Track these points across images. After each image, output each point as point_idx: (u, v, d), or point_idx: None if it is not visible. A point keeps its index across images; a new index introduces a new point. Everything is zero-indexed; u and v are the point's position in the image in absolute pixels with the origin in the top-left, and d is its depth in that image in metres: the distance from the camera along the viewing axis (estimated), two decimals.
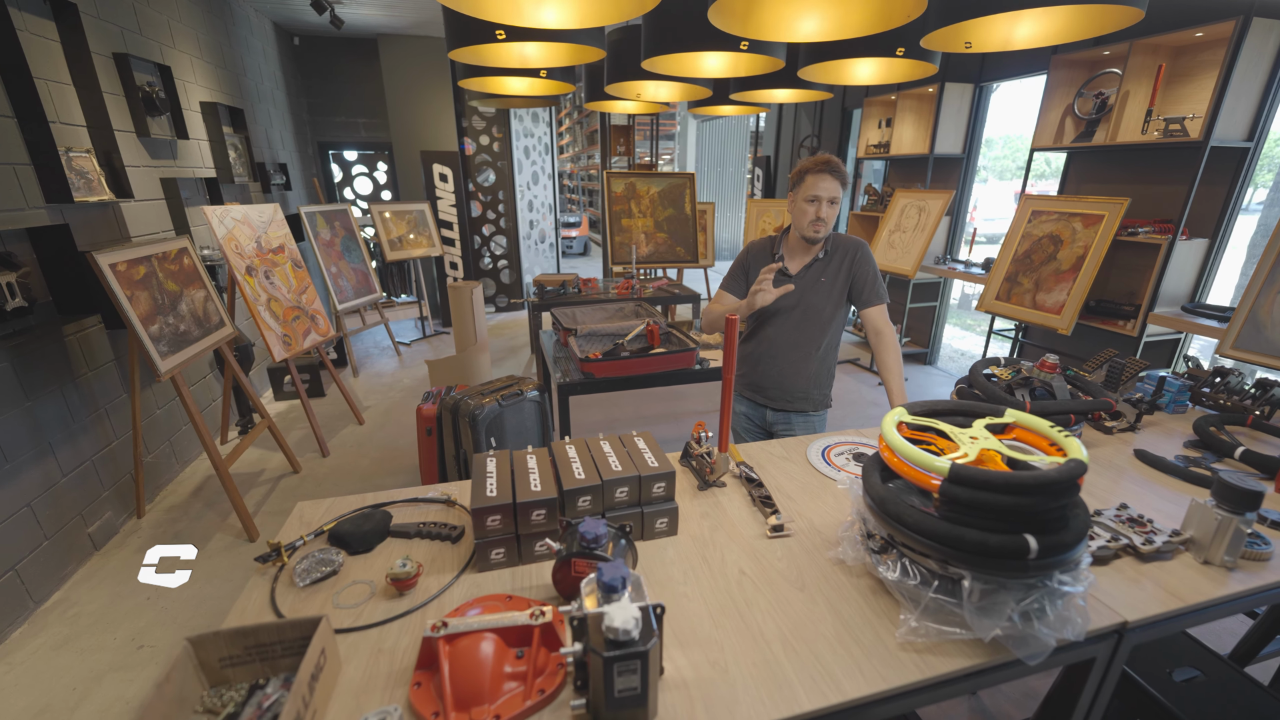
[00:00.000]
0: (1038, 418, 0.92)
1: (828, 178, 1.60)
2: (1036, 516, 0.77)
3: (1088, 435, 1.48)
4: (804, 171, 1.63)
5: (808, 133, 5.69)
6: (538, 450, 1.11)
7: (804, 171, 1.63)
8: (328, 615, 0.76)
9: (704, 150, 9.31)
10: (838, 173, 1.61)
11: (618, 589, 0.73)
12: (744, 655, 0.81)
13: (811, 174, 1.61)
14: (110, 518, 2.46)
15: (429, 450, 2.55)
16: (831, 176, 1.60)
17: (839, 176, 1.61)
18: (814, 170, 1.61)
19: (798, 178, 1.65)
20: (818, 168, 1.60)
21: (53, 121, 2.30)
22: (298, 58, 5.40)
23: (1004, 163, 10.42)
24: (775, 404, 1.84)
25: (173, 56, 3.24)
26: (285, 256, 3.21)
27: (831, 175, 1.60)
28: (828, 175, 1.60)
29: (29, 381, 2.10)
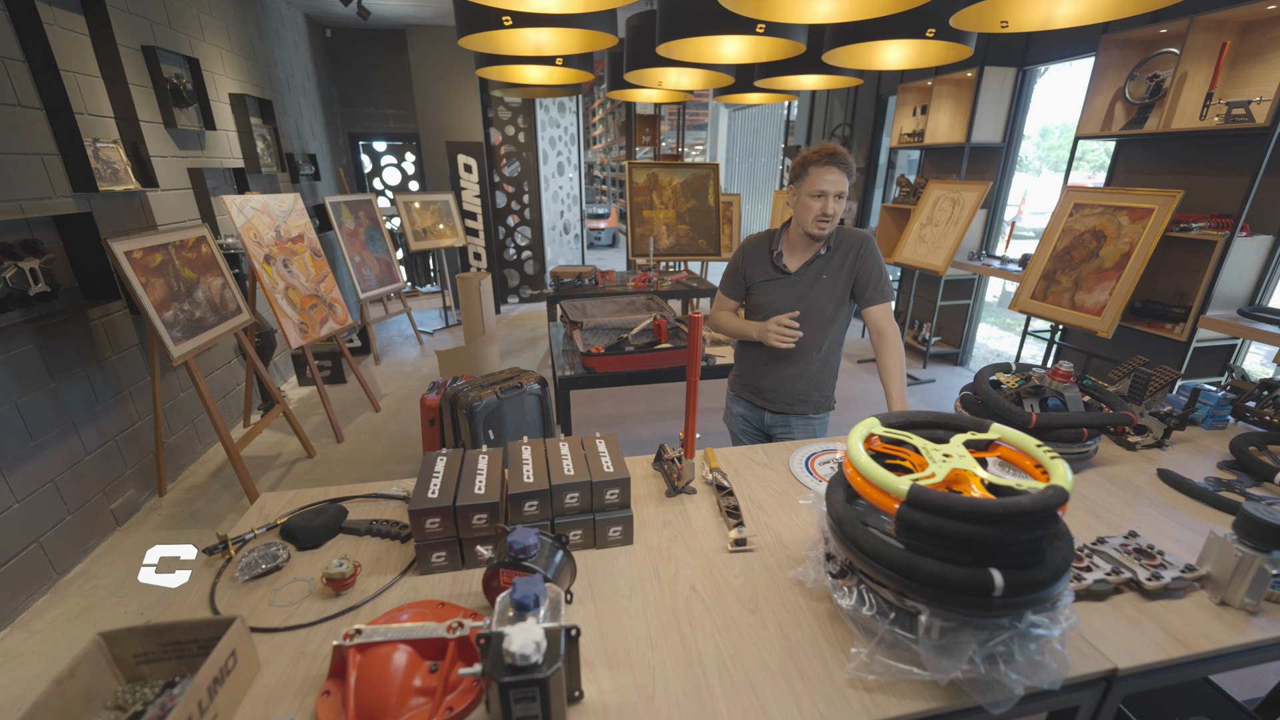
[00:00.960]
0: (1025, 435, 0.83)
1: (834, 170, 1.49)
2: (1005, 549, 0.69)
3: (1108, 452, 1.35)
4: (807, 163, 1.52)
5: (840, 121, 5.47)
6: (493, 450, 1.07)
7: (807, 163, 1.52)
8: (242, 616, 0.74)
9: (735, 140, 9.10)
10: (844, 164, 1.49)
11: (529, 607, 0.68)
12: (675, 682, 0.75)
13: (816, 166, 1.50)
14: (132, 495, 2.57)
15: (432, 441, 2.56)
16: (838, 168, 1.49)
17: (845, 168, 1.50)
18: (818, 162, 1.50)
19: (800, 170, 1.54)
20: (822, 159, 1.49)
21: (80, 113, 2.39)
22: (330, 50, 5.51)
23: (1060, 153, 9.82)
24: (773, 406, 1.75)
25: (202, 49, 3.33)
26: (304, 245, 3.28)
27: (838, 167, 1.49)
28: (834, 167, 1.49)
29: (54, 363, 2.20)
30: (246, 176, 3.67)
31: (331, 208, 4.21)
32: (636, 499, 1.17)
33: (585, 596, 0.90)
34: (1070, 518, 1.09)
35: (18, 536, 2.01)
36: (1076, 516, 1.10)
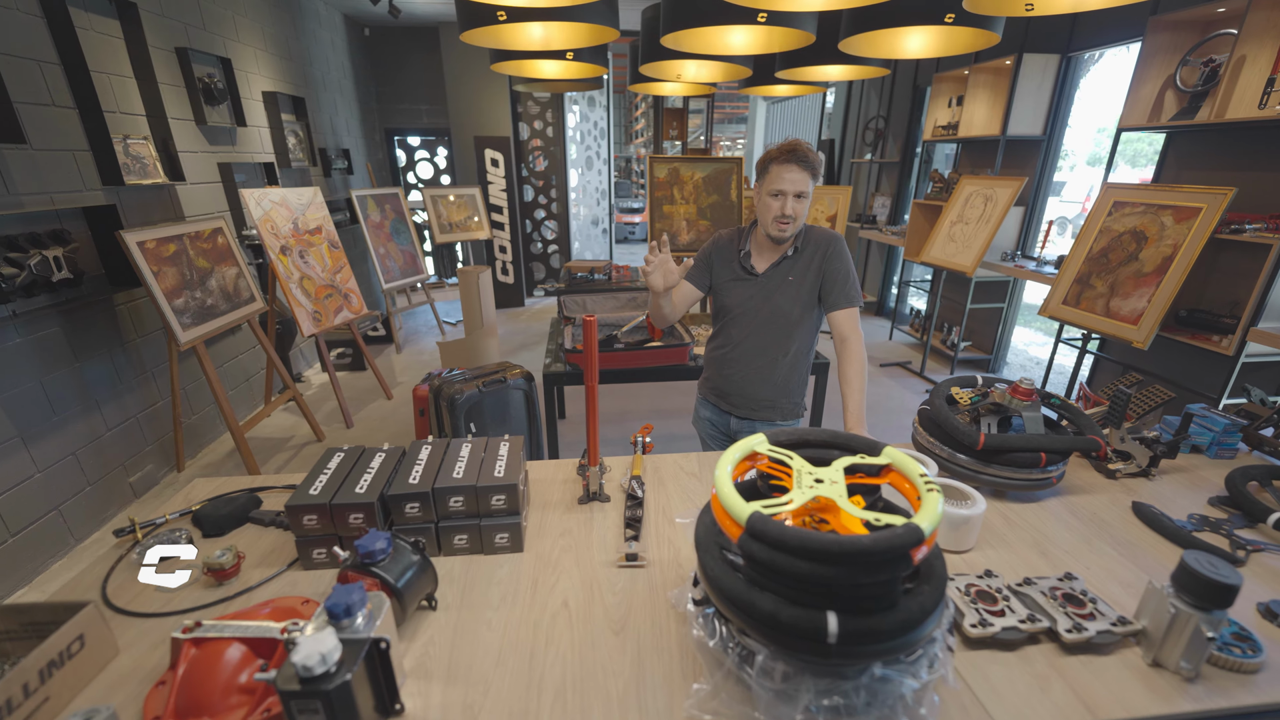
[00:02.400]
0: (913, 462, 0.75)
1: (794, 168, 1.41)
2: (846, 591, 0.62)
3: (1082, 479, 1.22)
4: (768, 161, 1.45)
5: (874, 113, 5.22)
6: (392, 450, 1.06)
7: (768, 161, 1.45)
8: (95, 602, 0.76)
9: (774, 133, 8.85)
10: (805, 162, 1.41)
11: (339, 615, 0.67)
12: (506, 703, 0.72)
13: (776, 164, 1.42)
14: (151, 470, 2.75)
15: (423, 431, 2.60)
16: (799, 166, 1.41)
17: (807, 166, 1.41)
18: (779, 159, 1.42)
19: (762, 168, 1.47)
20: (782, 156, 1.41)
21: (111, 111, 2.55)
22: (367, 47, 5.70)
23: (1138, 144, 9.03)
24: (739, 411, 1.68)
25: (235, 49, 3.50)
26: (322, 237, 3.40)
27: (799, 165, 1.41)
28: (794, 165, 1.40)
29: (78, 344, 2.37)
30: (277, 171, 3.84)
31: (358, 201, 4.36)
32: (547, 504, 1.14)
33: (454, 604, 0.88)
34: (1011, 552, 0.99)
35: (39, 504, 2.18)
36: (1017, 551, 0.99)
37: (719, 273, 1.63)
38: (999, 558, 0.98)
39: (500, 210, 5.75)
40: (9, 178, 2.09)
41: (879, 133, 5.18)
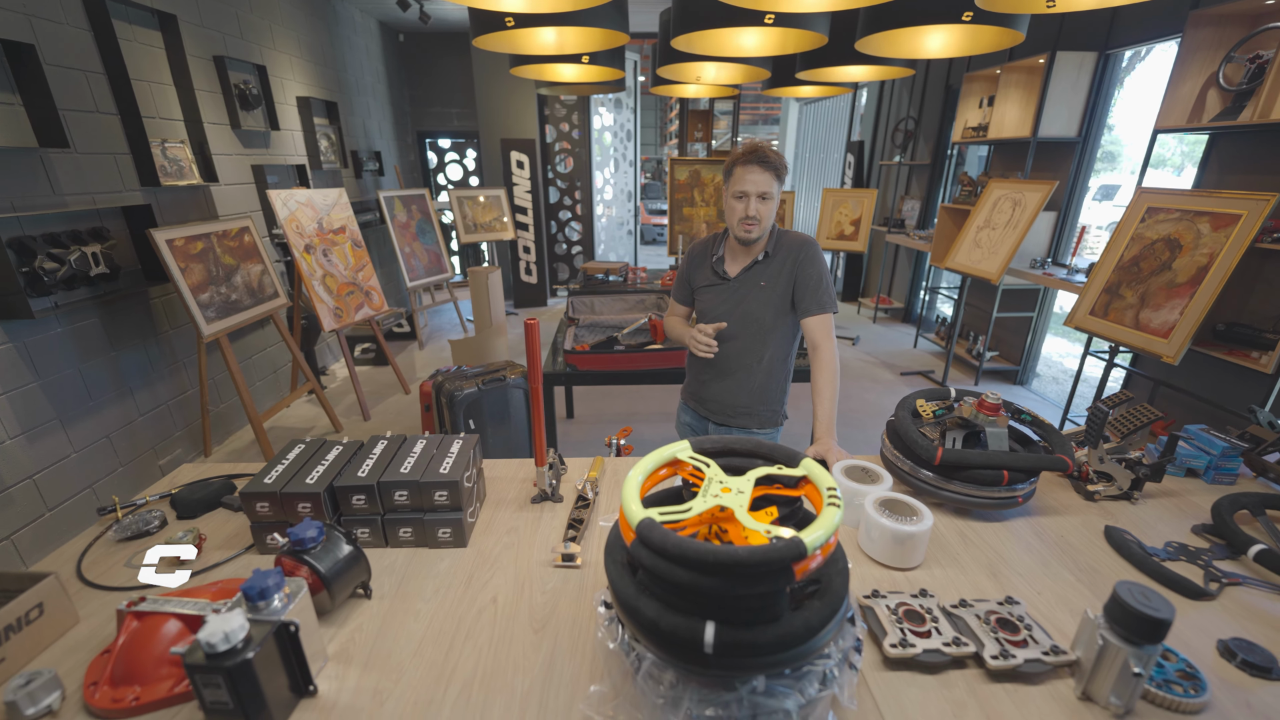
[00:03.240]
0: (826, 475, 0.73)
1: (756, 169, 1.40)
2: (727, 602, 0.61)
3: (1057, 500, 1.16)
4: (731, 163, 1.44)
5: (903, 114, 5.07)
6: (350, 444, 1.11)
7: (731, 163, 1.44)
8: (57, 573, 0.83)
9: (805, 135, 8.70)
10: (767, 162, 1.39)
11: (253, 598, 0.70)
12: (415, 692, 0.74)
13: (739, 165, 1.42)
14: (180, 454, 2.93)
15: (428, 425, 2.69)
16: (760, 168, 1.40)
17: (770, 167, 1.40)
18: (741, 161, 1.41)
19: (726, 171, 1.47)
20: (744, 158, 1.41)
21: (151, 117, 2.73)
22: (402, 53, 5.90)
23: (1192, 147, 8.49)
24: (717, 418, 1.68)
25: (271, 56, 3.68)
26: (345, 237, 3.55)
27: (761, 166, 1.40)
28: (755, 166, 1.40)
29: (115, 334, 2.54)
30: (308, 172, 4.02)
31: (385, 201, 4.52)
32: (502, 501, 1.17)
33: (389, 594, 0.91)
34: (959, 571, 0.96)
35: (74, 481, 2.35)
36: (967, 572, 0.96)
37: (695, 277, 1.63)
38: (945, 577, 0.95)
39: (525, 211, 5.85)
40: (54, 179, 2.26)
41: (909, 134, 5.03)
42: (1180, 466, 1.25)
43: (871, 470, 1.12)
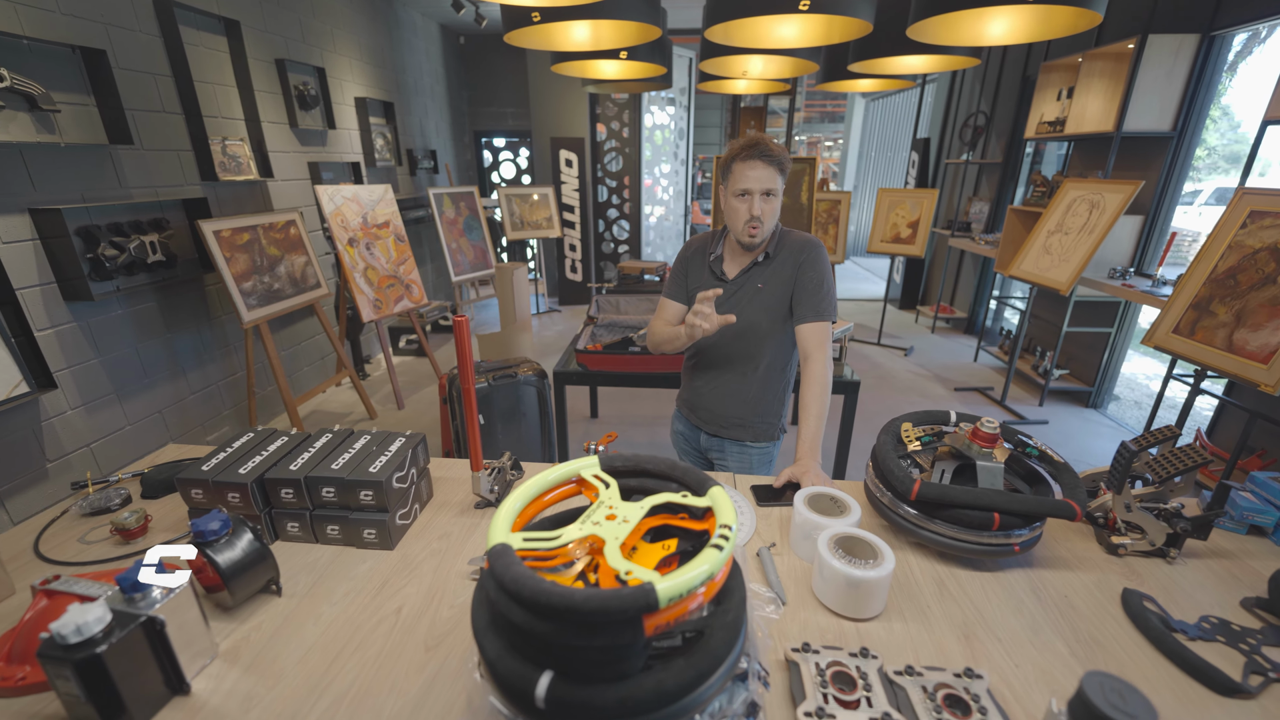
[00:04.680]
0: (729, 510, 0.63)
1: (758, 164, 1.28)
2: (570, 653, 0.53)
3: (1078, 550, 0.99)
4: (730, 159, 1.33)
5: (973, 108, 4.68)
6: (296, 435, 1.10)
7: (730, 159, 1.33)
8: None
9: (871, 132, 8.25)
10: (769, 156, 1.28)
11: (127, 590, 0.69)
12: (283, 702, 0.71)
13: (739, 161, 1.30)
14: (226, 432, 3.13)
15: (444, 417, 2.73)
16: (764, 162, 1.28)
17: (774, 161, 1.28)
18: (741, 156, 1.29)
19: (724, 168, 1.35)
20: (745, 152, 1.29)
21: (213, 116, 2.93)
22: (462, 55, 6.09)
23: None
24: (708, 428, 1.57)
25: (330, 59, 3.88)
26: (389, 231, 3.68)
27: (764, 160, 1.28)
28: (758, 161, 1.28)
29: (171, 318, 2.75)
30: (362, 169, 4.22)
31: (434, 199, 4.67)
32: (447, 504, 1.13)
33: (300, 593, 0.89)
34: (925, 629, 0.82)
35: (127, 453, 2.55)
36: (934, 630, 0.82)
37: (692, 279, 1.53)
38: (904, 634, 0.81)
39: (572, 209, 5.89)
40: (121, 173, 2.46)
41: (978, 130, 4.63)
42: (1242, 521, 1.04)
43: (841, 500, 0.99)
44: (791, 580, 0.92)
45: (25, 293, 2.11)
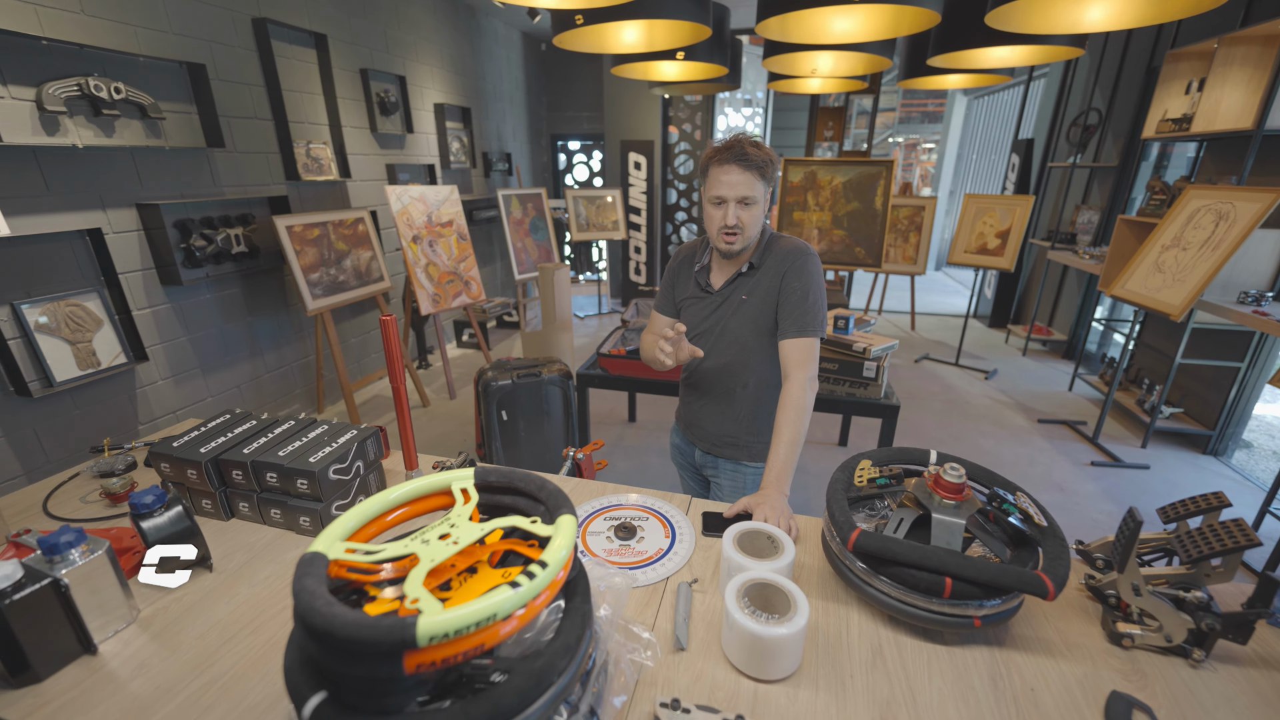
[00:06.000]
0: (561, 548, 0.57)
1: (733, 169, 1.17)
2: (340, 678, 0.50)
3: (1072, 633, 0.82)
4: (706, 162, 1.23)
5: (1083, 105, 4.13)
6: (265, 420, 1.16)
7: (706, 162, 1.23)
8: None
9: (972, 133, 7.54)
10: (746, 160, 1.17)
11: (45, 551, 0.75)
12: (166, 675, 0.74)
13: (714, 165, 1.21)
14: (296, 409, 3.44)
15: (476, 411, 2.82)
16: (739, 166, 1.17)
17: (751, 166, 1.17)
18: (717, 159, 1.20)
19: (702, 170, 1.26)
20: (720, 155, 1.19)
21: (299, 121, 3.23)
22: (543, 61, 6.29)
23: None
24: (703, 445, 1.49)
25: (412, 67, 4.15)
26: (452, 230, 3.87)
27: (740, 165, 1.17)
28: (733, 165, 1.17)
29: (252, 303, 3.06)
30: (437, 171, 4.48)
31: (503, 199, 4.86)
32: None
33: (230, 570, 0.93)
34: (839, 705, 0.72)
35: None
36: (848, 705, 0.71)
37: (679, 288, 1.46)
38: (808, 705, 0.71)
39: (639, 212, 5.90)
40: (215, 173, 2.77)
41: (1089, 129, 4.08)
42: None
43: (777, 540, 0.88)
44: (705, 624, 0.83)
45: (128, 276, 2.43)
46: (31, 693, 0.72)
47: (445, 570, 0.60)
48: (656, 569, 0.94)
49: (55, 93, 2.09)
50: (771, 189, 1.23)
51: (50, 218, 2.15)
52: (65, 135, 2.16)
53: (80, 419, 2.29)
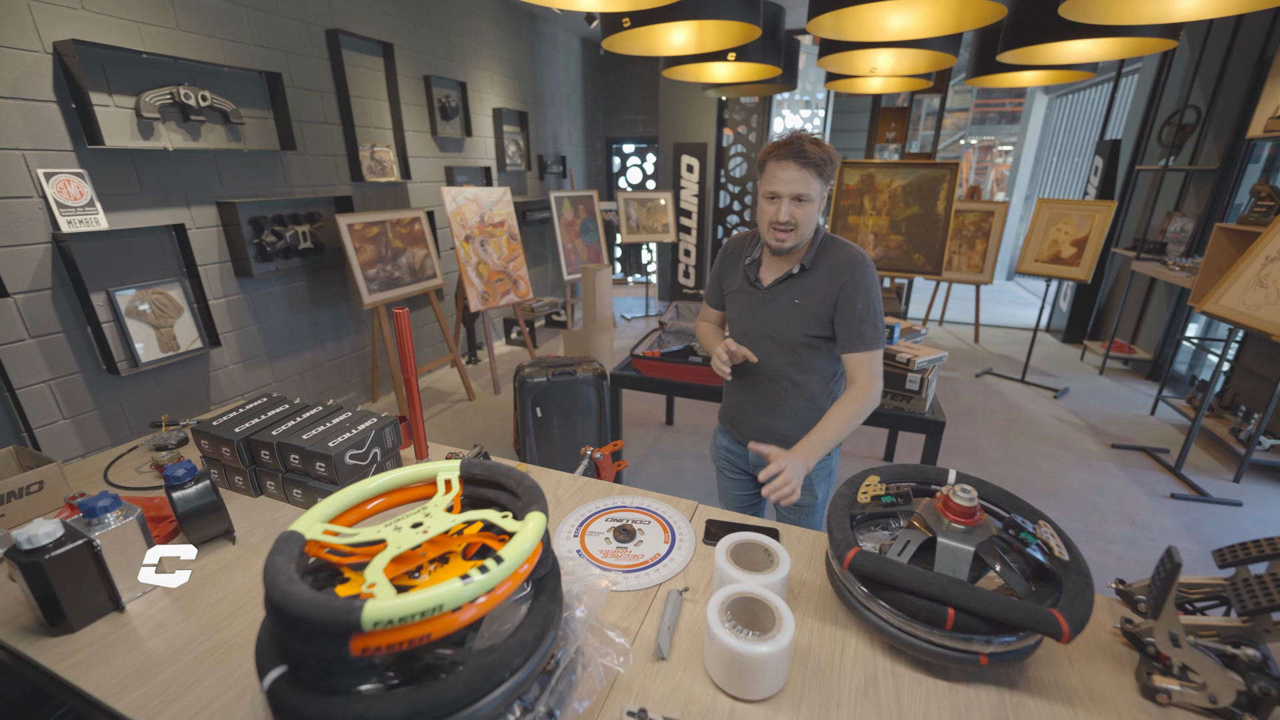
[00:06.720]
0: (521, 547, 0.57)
1: (790, 165, 1.15)
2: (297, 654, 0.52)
3: (1095, 679, 0.74)
4: (764, 157, 1.22)
5: (1183, 103, 3.75)
6: (300, 404, 1.23)
7: (764, 157, 1.22)
8: (59, 462, 1.08)
9: (1053, 134, 7.00)
10: (804, 157, 1.14)
11: (84, 514, 0.83)
12: (181, 634, 0.80)
13: (772, 160, 1.19)
14: (354, 396, 3.64)
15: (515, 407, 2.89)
16: (796, 163, 1.15)
17: (808, 163, 1.14)
18: (775, 155, 1.18)
19: (759, 165, 1.24)
20: (777, 150, 1.17)
21: (365, 126, 3.42)
22: (601, 65, 6.38)
23: None
24: None
25: (473, 74, 4.31)
26: (503, 230, 3.99)
27: (797, 161, 1.15)
28: (791, 162, 1.15)
29: (316, 296, 3.27)
30: (493, 173, 4.62)
31: (555, 201, 4.96)
32: None
33: (251, 545, 0.99)
34: None
35: None
36: None
37: (727, 280, 1.42)
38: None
39: (690, 215, 5.88)
40: (287, 174, 2.98)
41: (1185, 129, 3.71)
42: None
43: (773, 554, 0.85)
44: (691, 635, 0.81)
45: (206, 268, 2.64)
46: (65, 641, 0.79)
47: (415, 558, 0.61)
48: (650, 574, 0.92)
49: (151, 101, 2.31)
50: (829, 189, 1.21)
51: (142, 214, 2.37)
52: (158, 139, 2.38)
53: (160, 397, 2.51)
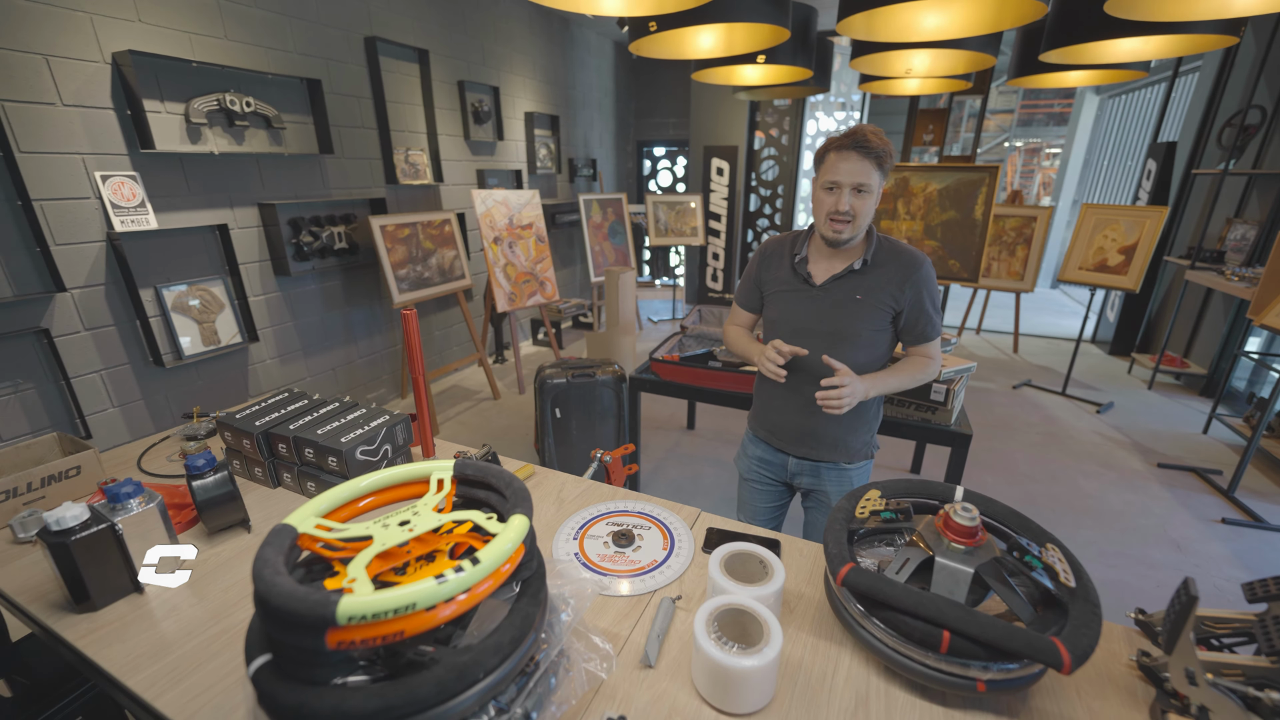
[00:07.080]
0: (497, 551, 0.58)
1: (852, 156, 1.16)
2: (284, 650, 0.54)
3: (1105, 711, 0.70)
4: (826, 149, 1.22)
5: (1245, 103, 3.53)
6: (318, 400, 1.27)
7: (826, 149, 1.22)
8: (95, 449, 1.15)
9: (1105, 136, 6.68)
10: (866, 148, 1.15)
11: (109, 499, 0.88)
12: (188, 620, 0.84)
13: (834, 151, 1.20)
14: (384, 393, 3.74)
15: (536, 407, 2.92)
16: (859, 154, 1.16)
17: (870, 155, 1.15)
18: (836, 146, 1.19)
19: (819, 159, 1.25)
20: (840, 142, 1.19)
21: (400, 130, 3.52)
22: (634, 69, 6.41)
23: None
24: (797, 451, 1.41)
25: (505, 78, 4.39)
26: (531, 233, 4.04)
27: (859, 152, 1.16)
28: (852, 153, 1.16)
29: (350, 294, 3.38)
30: (524, 176, 4.70)
31: (584, 204, 5.01)
32: None
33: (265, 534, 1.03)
34: None
35: None
36: None
37: (769, 280, 1.39)
38: None
39: (719, 218, 5.84)
40: (324, 176, 3.10)
41: (1248, 130, 3.49)
42: None
43: (769, 566, 0.83)
44: (681, 645, 0.80)
45: (246, 266, 2.76)
46: (87, 619, 0.84)
47: (401, 555, 0.62)
48: (645, 580, 0.92)
49: (199, 107, 2.44)
50: (885, 183, 1.22)
51: (188, 214, 2.50)
52: (205, 143, 2.50)
53: (201, 389, 2.64)
